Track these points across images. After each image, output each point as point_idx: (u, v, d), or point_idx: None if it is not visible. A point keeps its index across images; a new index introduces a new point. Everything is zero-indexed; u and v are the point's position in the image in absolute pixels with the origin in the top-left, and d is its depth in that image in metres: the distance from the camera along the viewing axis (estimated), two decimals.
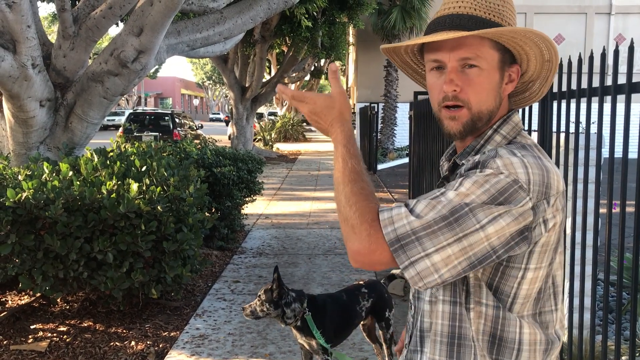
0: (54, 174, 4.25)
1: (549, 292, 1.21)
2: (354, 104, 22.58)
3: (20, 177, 4.22)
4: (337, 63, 27.77)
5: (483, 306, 1.18)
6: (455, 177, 1.23)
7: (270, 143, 24.48)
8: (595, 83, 13.31)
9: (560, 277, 1.24)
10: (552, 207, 1.11)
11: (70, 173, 4.21)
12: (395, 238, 1.07)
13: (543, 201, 1.10)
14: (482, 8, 1.19)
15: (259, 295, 2.94)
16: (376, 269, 1.14)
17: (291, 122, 31.41)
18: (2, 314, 4.29)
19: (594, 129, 3.06)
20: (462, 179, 1.11)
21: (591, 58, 2.78)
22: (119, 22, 8.23)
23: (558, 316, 1.25)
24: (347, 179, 1.19)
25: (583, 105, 2.85)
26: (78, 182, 4.02)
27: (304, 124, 32.72)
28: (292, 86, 33.75)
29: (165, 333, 4.22)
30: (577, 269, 3.00)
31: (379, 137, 17.24)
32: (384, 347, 3.35)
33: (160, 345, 4.00)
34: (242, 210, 7.25)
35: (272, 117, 38.18)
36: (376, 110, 15.76)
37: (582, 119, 2.90)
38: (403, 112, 18.46)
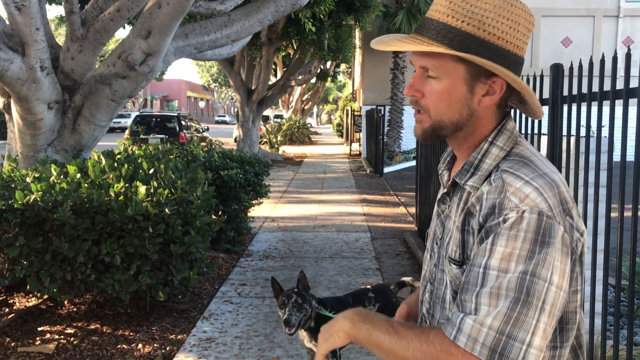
0: (62, 176, 4.25)
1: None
2: (360, 107, 22.56)
3: (28, 179, 4.22)
4: (343, 66, 27.75)
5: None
6: (460, 199, 1.21)
7: (276, 146, 24.49)
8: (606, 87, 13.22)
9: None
10: (574, 217, 1.10)
11: (78, 175, 4.21)
12: (490, 352, 1.01)
13: (567, 218, 1.08)
14: (456, 14, 1.12)
15: (294, 300, 2.79)
16: None
17: (297, 124, 31.43)
18: (10, 316, 4.30)
19: (604, 132, 3.04)
20: (493, 239, 1.06)
21: (602, 61, 2.76)
22: (127, 24, 8.25)
23: (581, 313, 1.24)
24: (398, 331, 1.12)
25: (594, 109, 2.83)
26: (86, 185, 4.03)
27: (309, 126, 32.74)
28: (298, 89, 33.79)
29: (173, 336, 4.21)
30: (588, 273, 2.97)
31: (385, 140, 17.22)
32: None
33: (168, 348, 3.99)
34: (248, 213, 7.25)
35: (278, 120, 38.22)
36: (382, 113, 15.74)
37: (593, 122, 2.88)
38: (409, 115, 18.39)
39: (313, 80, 26.58)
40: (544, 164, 1.15)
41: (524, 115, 3.64)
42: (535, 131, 3.48)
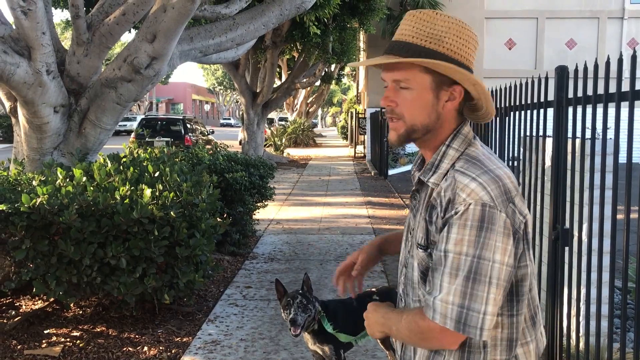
0: (68, 180, 4.27)
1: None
2: (365, 109, 22.57)
3: (34, 183, 4.25)
4: (348, 68, 27.74)
5: (499, 316, 1.37)
6: (425, 194, 1.45)
7: (281, 148, 24.51)
8: (612, 89, 13.16)
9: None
10: (517, 204, 1.33)
11: (84, 179, 4.23)
12: (456, 322, 1.28)
13: (510, 205, 1.31)
14: (420, 36, 1.37)
15: (299, 301, 2.80)
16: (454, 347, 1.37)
17: (302, 127, 31.44)
18: (16, 319, 4.31)
19: (610, 134, 3.03)
20: (448, 228, 1.31)
21: (607, 63, 2.76)
22: (132, 28, 8.29)
23: (533, 282, 1.50)
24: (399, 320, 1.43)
25: (599, 111, 2.82)
26: (92, 188, 4.04)
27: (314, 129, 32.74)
28: (303, 92, 33.81)
29: (178, 338, 4.22)
30: (594, 275, 2.96)
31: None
32: None
33: (173, 351, 4.00)
34: (253, 216, 7.25)
35: (283, 123, 38.25)
36: None
37: (599, 124, 2.87)
38: None
39: (317, 83, 26.58)
40: (492, 162, 1.38)
41: (526, 118, 3.63)
42: (540, 133, 3.48)
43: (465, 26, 1.39)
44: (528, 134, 3.62)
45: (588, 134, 3.03)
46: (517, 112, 3.79)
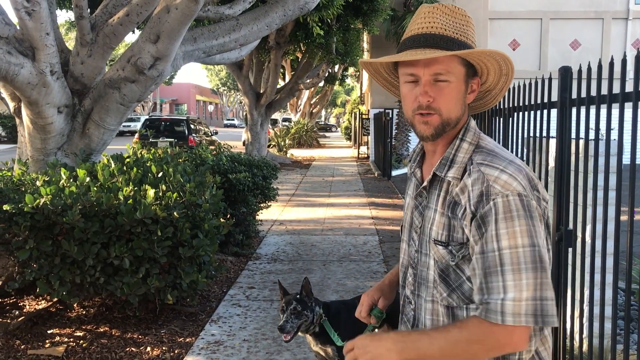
0: (72, 180, 4.28)
1: None
2: (368, 110, 22.55)
3: (38, 183, 4.25)
4: (351, 69, 27.75)
5: None
6: (440, 190, 1.43)
7: (284, 149, 24.53)
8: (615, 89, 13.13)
9: None
10: (540, 190, 1.35)
11: (88, 179, 4.23)
12: (533, 317, 1.25)
13: (535, 192, 1.33)
14: (450, 29, 1.39)
15: (293, 307, 2.81)
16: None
17: (305, 128, 31.45)
18: (20, 319, 4.32)
19: (613, 135, 3.02)
20: (494, 225, 1.29)
21: (611, 64, 2.75)
22: (136, 29, 8.30)
23: None
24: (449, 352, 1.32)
25: (603, 112, 2.81)
26: (95, 188, 4.05)
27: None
28: (306, 92, 33.81)
29: (181, 339, 4.22)
30: (598, 277, 2.95)
31: (393, 143, 17.19)
32: None
33: (176, 351, 4.00)
34: (256, 216, 7.26)
35: (286, 123, 38.26)
36: (390, 116, 15.72)
37: (602, 125, 2.86)
38: None
39: (321, 84, 26.60)
40: (506, 152, 1.41)
41: (530, 119, 3.62)
42: (544, 134, 3.47)
43: (471, 19, 1.44)
44: (532, 134, 3.60)
45: (592, 135, 3.02)
46: (520, 113, 3.78)
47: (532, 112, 3.58)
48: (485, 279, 1.29)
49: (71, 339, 4.13)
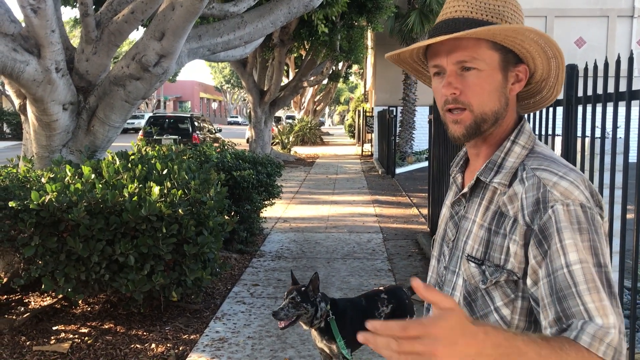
0: (77, 177, 4.29)
1: None
2: (372, 108, 22.54)
3: (43, 180, 4.27)
4: (355, 67, 27.73)
5: None
6: (482, 199, 1.22)
7: (288, 146, 24.52)
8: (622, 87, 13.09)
9: None
10: (602, 207, 1.14)
11: (93, 176, 4.24)
12: (614, 350, 0.96)
13: (597, 207, 1.11)
14: (478, 10, 1.18)
15: (292, 297, 2.89)
16: None
17: (309, 125, 31.44)
18: (26, 315, 4.34)
19: (620, 133, 3.01)
20: (559, 238, 1.05)
21: (618, 62, 2.74)
22: (141, 26, 8.30)
23: None
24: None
25: (609, 110, 2.80)
26: (100, 185, 4.06)
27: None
28: (310, 90, 33.80)
29: (185, 336, 4.23)
30: None
31: (397, 141, 17.19)
32: None
33: (180, 348, 4.01)
34: (261, 214, 7.26)
35: (290, 121, 38.26)
36: (395, 114, 15.71)
37: (608, 123, 2.85)
38: (421, 116, 18.38)
39: (325, 81, 26.57)
40: (566, 162, 1.19)
41: (535, 117, 3.61)
42: (550, 132, 3.46)
43: None
44: (537, 132, 3.60)
45: (598, 133, 3.01)
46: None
47: (537, 110, 3.57)
48: (561, 306, 1.01)
49: (76, 336, 4.14)
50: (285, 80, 22.05)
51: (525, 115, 1.30)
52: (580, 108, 3.12)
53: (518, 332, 1.04)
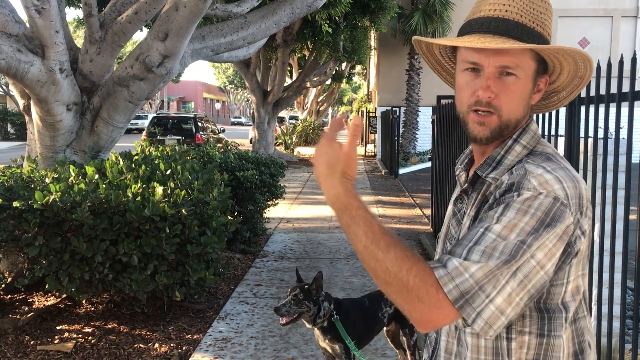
0: (80, 177, 4.30)
1: (580, 298, 1.20)
2: (375, 108, 22.53)
3: (47, 180, 4.28)
4: (358, 67, 27.71)
5: (526, 335, 1.16)
6: (478, 193, 1.24)
7: (291, 147, 24.53)
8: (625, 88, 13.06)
9: (586, 281, 1.23)
10: (586, 216, 1.13)
11: (96, 176, 4.26)
12: (459, 295, 1.04)
13: (578, 212, 1.11)
14: (528, 15, 1.18)
15: (295, 294, 2.89)
16: (439, 327, 1.16)
17: (312, 126, 31.45)
18: (30, 315, 4.35)
19: (623, 134, 3.01)
20: (503, 209, 1.09)
21: (621, 62, 2.74)
22: (144, 27, 8.33)
23: (588, 321, 1.24)
24: (384, 242, 1.11)
25: (612, 110, 2.80)
26: (104, 185, 4.07)
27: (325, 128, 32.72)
28: (313, 90, 33.81)
29: (189, 336, 4.24)
30: (606, 276, 2.94)
31: (400, 142, 17.19)
32: (408, 353, 3.33)
33: (184, 348, 4.02)
34: (264, 214, 7.27)
35: (293, 121, 38.27)
36: (398, 114, 15.71)
37: (611, 124, 2.85)
38: (425, 116, 18.36)
39: (328, 82, 26.57)
40: (567, 163, 1.19)
41: (539, 117, 3.61)
42: (553, 132, 3.46)
43: (550, 6, 1.23)
44: (540, 133, 3.60)
45: (600, 134, 3.01)
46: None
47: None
48: (453, 247, 1.10)
49: (80, 335, 4.16)
50: (288, 81, 22.05)
51: (534, 116, 1.31)
52: (583, 109, 3.12)
53: (377, 219, 1.16)
